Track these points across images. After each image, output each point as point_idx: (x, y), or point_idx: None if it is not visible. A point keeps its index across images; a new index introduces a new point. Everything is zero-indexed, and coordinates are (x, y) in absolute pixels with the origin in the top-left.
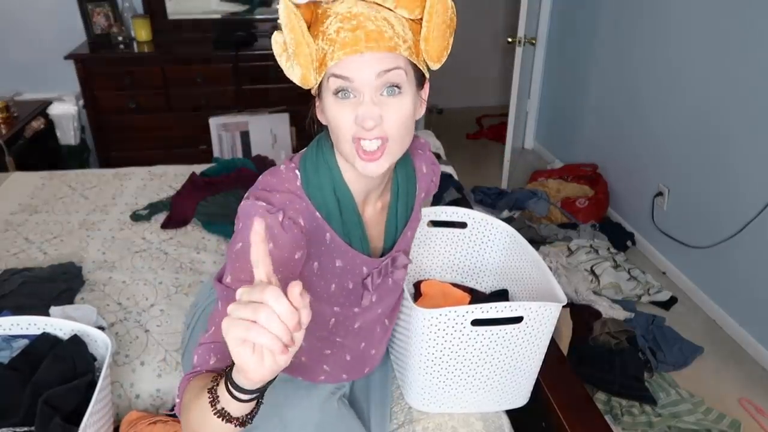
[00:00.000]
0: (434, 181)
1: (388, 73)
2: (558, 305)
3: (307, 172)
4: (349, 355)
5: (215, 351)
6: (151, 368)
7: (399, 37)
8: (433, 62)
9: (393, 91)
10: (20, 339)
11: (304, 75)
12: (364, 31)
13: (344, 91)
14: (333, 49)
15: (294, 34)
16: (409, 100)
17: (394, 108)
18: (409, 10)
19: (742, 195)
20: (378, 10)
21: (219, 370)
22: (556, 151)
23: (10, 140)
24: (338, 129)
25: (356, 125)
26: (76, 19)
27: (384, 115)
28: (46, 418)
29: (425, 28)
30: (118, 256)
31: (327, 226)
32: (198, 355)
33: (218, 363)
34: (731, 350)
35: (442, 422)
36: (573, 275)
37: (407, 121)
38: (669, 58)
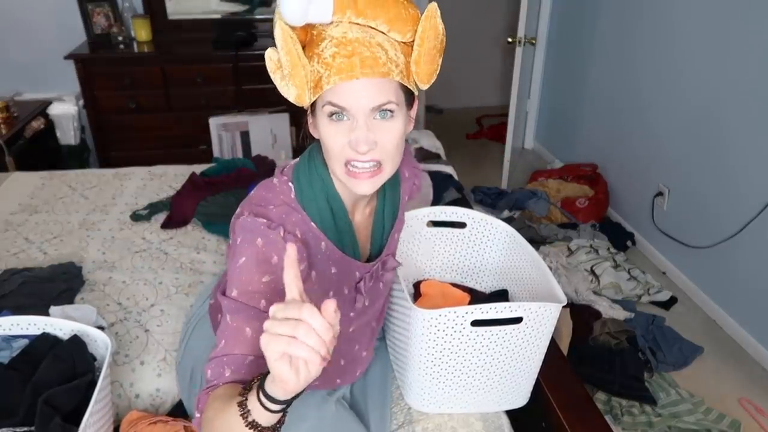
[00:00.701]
0: (416, 184)
1: (381, 107)
2: (558, 306)
3: (301, 184)
4: (343, 359)
5: (228, 363)
6: (151, 368)
7: (392, 62)
8: (423, 84)
9: (386, 114)
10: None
11: (299, 95)
12: (360, 58)
13: (338, 113)
14: (329, 73)
15: (290, 56)
16: (401, 122)
17: (386, 131)
18: (402, 33)
19: (742, 195)
20: (372, 35)
21: (236, 381)
22: (556, 151)
23: (10, 140)
24: (332, 150)
25: (350, 148)
26: (76, 19)
27: (378, 140)
28: (46, 418)
29: (416, 52)
30: (118, 256)
31: (322, 235)
32: (211, 369)
33: (233, 375)
34: (731, 350)
35: (441, 423)
36: (573, 275)
37: (400, 141)
38: (669, 58)
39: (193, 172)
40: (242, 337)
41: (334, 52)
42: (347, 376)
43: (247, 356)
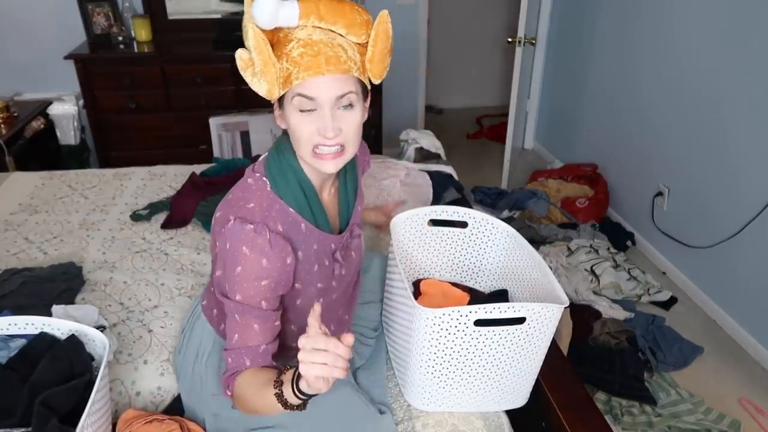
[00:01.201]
0: (366, 160)
1: (344, 96)
2: (561, 307)
3: (274, 176)
4: (333, 324)
5: (246, 354)
6: (154, 367)
7: (351, 60)
8: (376, 79)
9: (348, 106)
10: (18, 339)
11: (270, 90)
12: (325, 57)
13: (308, 105)
14: (298, 70)
15: (262, 56)
16: (359, 111)
17: (348, 119)
18: (357, 36)
19: (742, 195)
20: (332, 37)
21: (256, 366)
22: (556, 151)
23: (10, 140)
24: (301, 137)
25: (318, 135)
26: (76, 19)
27: (342, 127)
28: (43, 419)
29: (370, 52)
30: (118, 257)
31: (300, 218)
32: (232, 359)
33: (252, 363)
34: (731, 350)
35: (441, 419)
36: (573, 275)
37: (359, 128)
38: (669, 57)
39: (193, 172)
40: (252, 332)
41: (301, 51)
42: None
43: (259, 346)
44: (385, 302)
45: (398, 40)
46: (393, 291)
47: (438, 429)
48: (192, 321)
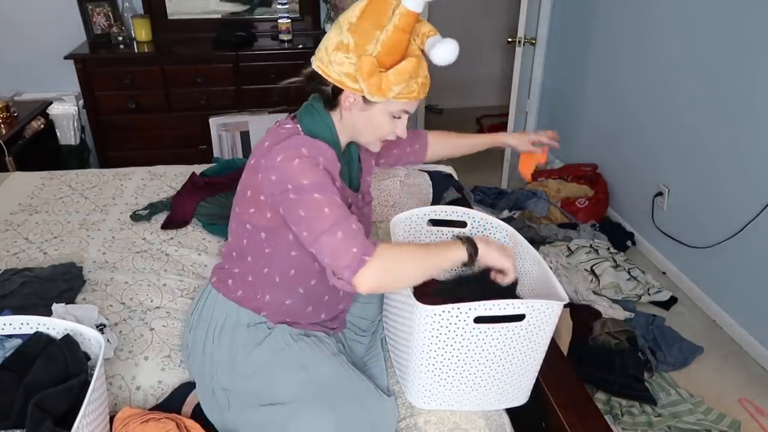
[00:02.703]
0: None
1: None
2: (560, 303)
3: (308, 126)
4: (327, 295)
5: (348, 219)
6: (155, 362)
7: None
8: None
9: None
10: (13, 339)
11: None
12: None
13: (400, 117)
14: (417, 92)
15: (407, 72)
16: None
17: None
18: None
19: (742, 195)
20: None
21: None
22: (556, 151)
23: (10, 140)
24: (380, 132)
25: (392, 134)
26: (76, 19)
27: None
28: (37, 422)
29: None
30: (118, 257)
31: (334, 154)
32: (358, 228)
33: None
34: (731, 350)
35: (443, 417)
36: (573, 275)
37: None
38: (668, 57)
39: (193, 172)
40: (338, 204)
41: (425, 77)
42: (330, 309)
43: (350, 213)
44: (385, 301)
45: None
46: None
47: (440, 426)
48: (202, 301)
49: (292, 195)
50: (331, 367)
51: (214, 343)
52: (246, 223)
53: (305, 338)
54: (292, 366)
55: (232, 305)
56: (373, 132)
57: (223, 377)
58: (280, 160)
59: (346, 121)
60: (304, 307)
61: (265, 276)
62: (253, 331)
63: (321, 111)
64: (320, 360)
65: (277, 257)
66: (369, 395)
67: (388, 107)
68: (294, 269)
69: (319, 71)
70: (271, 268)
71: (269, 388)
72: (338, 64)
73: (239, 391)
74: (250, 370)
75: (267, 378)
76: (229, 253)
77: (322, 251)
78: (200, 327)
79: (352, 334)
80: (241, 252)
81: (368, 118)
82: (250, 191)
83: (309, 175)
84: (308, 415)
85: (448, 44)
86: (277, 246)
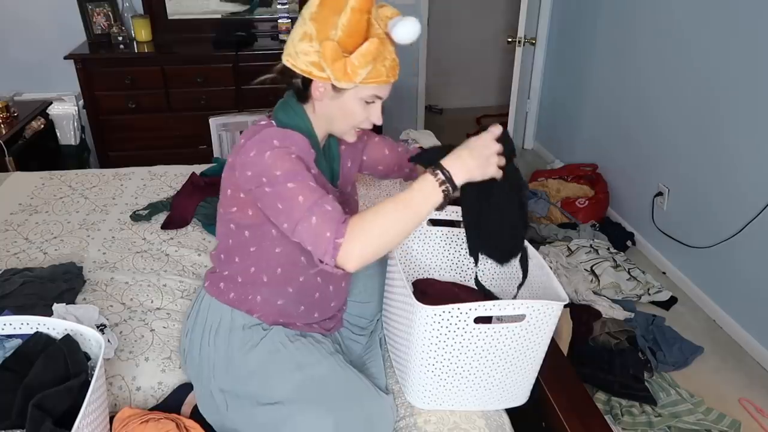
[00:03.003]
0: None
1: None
2: (560, 304)
3: (282, 121)
4: (318, 293)
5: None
6: (155, 363)
7: None
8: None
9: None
10: (13, 339)
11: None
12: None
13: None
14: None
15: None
16: None
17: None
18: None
19: (742, 195)
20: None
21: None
22: (556, 151)
23: (10, 140)
24: (354, 118)
25: (367, 121)
26: (76, 19)
27: None
28: (37, 422)
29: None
30: (118, 257)
31: (310, 147)
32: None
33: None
34: (731, 350)
35: (443, 416)
36: (573, 275)
37: None
38: (668, 57)
39: (193, 172)
40: (312, 187)
41: (393, 59)
42: (324, 308)
43: (327, 195)
44: (385, 302)
45: None
46: (393, 290)
47: (440, 426)
48: (197, 306)
49: (267, 188)
50: (327, 366)
51: (209, 346)
52: (230, 222)
53: (301, 339)
54: (288, 366)
55: (226, 308)
56: (347, 120)
57: (221, 379)
58: (253, 155)
59: (320, 112)
60: (296, 306)
61: (253, 276)
62: (249, 333)
63: (295, 105)
64: (317, 360)
65: (262, 255)
66: (366, 394)
67: (359, 93)
68: (280, 267)
69: (288, 65)
70: (258, 267)
71: (266, 389)
72: (304, 54)
73: (237, 393)
74: (247, 371)
75: (264, 379)
76: (218, 256)
77: (303, 240)
78: (196, 331)
79: (349, 333)
80: (229, 253)
81: (340, 106)
82: (230, 190)
83: (281, 166)
84: (306, 416)
85: (409, 21)
86: (261, 243)
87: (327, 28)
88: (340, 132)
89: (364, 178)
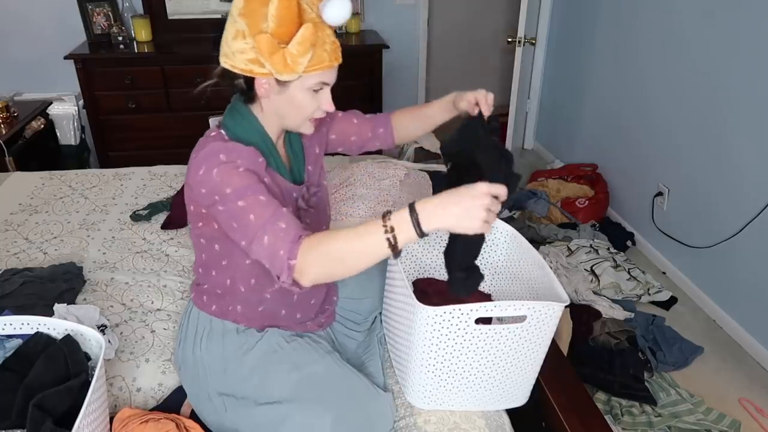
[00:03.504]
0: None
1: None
2: (561, 305)
3: (231, 130)
4: (296, 295)
5: (277, 217)
6: (155, 365)
7: None
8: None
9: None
10: (14, 339)
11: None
12: (337, 50)
13: (322, 88)
14: (329, 59)
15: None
16: None
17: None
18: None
19: (742, 195)
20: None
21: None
22: (556, 151)
23: (10, 140)
24: (305, 110)
25: (319, 109)
26: (76, 19)
27: None
28: (38, 422)
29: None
30: (118, 257)
31: (261, 155)
32: (286, 225)
33: (290, 224)
34: (731, 350)
35: (444, 416)
36: (573, 275)
37: None
38: (669, 57)
39: None
40: (263, 203)
41: (331, 44)
42: (305, 308)
43: (280, 209)
44: (385, 301)
45: (398, 39)
46: (393, 290)
47: (440, 426)
48: (186, 317)
49: (220, 207)
50: (325, 365)
51: (203, 351)
52: (200, 237)
53: (298, 339)
54: (285, 366)
55: (213, 318)
56: (298, 113)
57: (218, 383)
58: (202, 173)
59: (269, 110)
60: (278, 310)
61: (230, 288)
62: (244, 336)
63: (242, 108)
64: (314, 359)
65: (235, 268)
66: (365, 392)
67: (304, 83)
68: (254, 278)
69: (227, 66)
70: (233, 279)
71: (265, 389)
72: (240, 52)
73: (235, 394)
74: (244, 373)
75: (262, 379)
76: (197, 270)
77: (260, 258)
78: (188, 340)
79: (342, 328)
80: (206, 266)
81: (288, 100)
82: (193, 206)
83: (230, 182)
84: (304, 414)
85: (338, 1)
86: (231, 256)
87: (258, 21)
88: (295, 126)
89: (364, 178)
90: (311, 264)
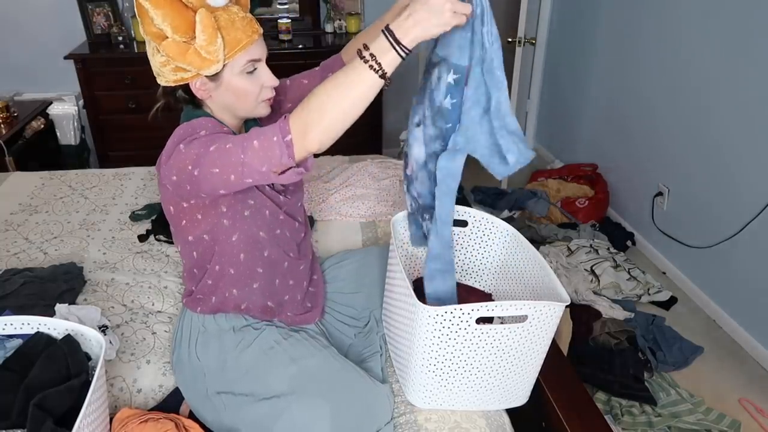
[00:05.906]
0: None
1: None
2: (562, 305)
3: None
4: (286, 262)
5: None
6: (156, 367)
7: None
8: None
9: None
10: (14, 339)
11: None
12: (254, 24)
13: (254, 67)
14: (243, 37)
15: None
16: None
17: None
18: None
19: (742, 195)
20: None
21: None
22: (556, 151)
23: (10, 140)
24: (251, 95)
25: (265, 88)
26: (76, 19)
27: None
28: (38, 422)
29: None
30: (119, 257)
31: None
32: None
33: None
34: (731, 350)
35: (444, 415)
36: (573, 275)
37: None
38: (669, 57)
39: None
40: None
41: (240, 19)
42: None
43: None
44: (385, 300)
45: None
46: (393, 290)
47: (440, 425)
48: (180, 323)
49: (196, 172)
50: (322, 358)
51: (198, 353)
52: (188, 236)
53: (295, 335)
54: (283, 361)
55: (209, 317)
56: (245, 99)
57: (215, 383)
58: (171, 160)
59: (217, 108)
60: (272, 281)
61: (220, 273)
62: (241, 334)
63: (194, 112)
64: (310, 353)
65: (224, 250)
66: (362, 383)
67: (233, 69)
68: (242, 252)
69: (163, 83)
70: (221, 264)
71: (263, 385)
72: (163, 66)
73: (233, 392)
74: (242, 371)
75: (260, 375)
76: (188, 276)
77: (256, 171)
78: (183, 344)
79: (334, 321)
80: (200, 265)
81: (229, 91)
82: (172, 207)
83: (197, 146)
84: (302, 406)
85: None
86: (219, 240)
87: (158, 32)
88: (249, 112)
89: (364, 178)
90: (307, 124)
